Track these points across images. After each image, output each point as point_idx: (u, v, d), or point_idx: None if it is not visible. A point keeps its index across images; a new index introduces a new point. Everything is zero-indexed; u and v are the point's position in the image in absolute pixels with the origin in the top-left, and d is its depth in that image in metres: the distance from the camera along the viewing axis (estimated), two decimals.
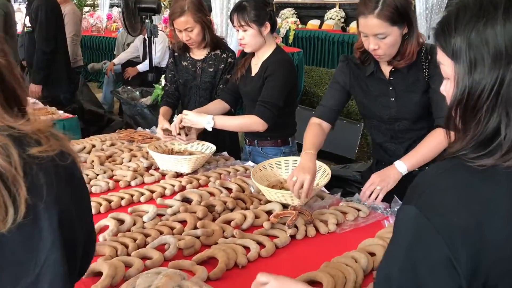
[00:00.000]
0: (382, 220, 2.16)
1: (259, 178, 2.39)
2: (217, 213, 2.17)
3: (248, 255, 1.80)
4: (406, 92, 2.27)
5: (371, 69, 2.32)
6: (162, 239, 1.85)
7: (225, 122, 2.70)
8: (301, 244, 1.96)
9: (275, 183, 2.44)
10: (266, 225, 1.99)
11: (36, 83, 4.96)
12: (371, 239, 1.90)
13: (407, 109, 2.28)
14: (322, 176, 2.36)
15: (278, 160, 2.51)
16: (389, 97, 2.31)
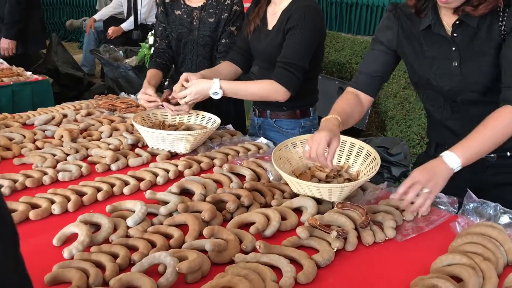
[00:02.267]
0: (451, 222, 1.60)
1: (280, 163, 1.80)
2: (228, 213, 1.59)
3: (280, 283, 1.24)
4: (475, 55, 1.66)
5: (427, 22, 1.70)
6: (155, 257, 1.27)
7: (237, 90, 2.08)
8: (351, 259, 1.40)
9: (303, 170, 1.86)
10: (303, 233, 1.42)
11: (9, 37, 4.30)
12: (450, 256, 1.34)
13: (474, 78, 1.67)
14: (369, 164, 1.78)
15: (304, 138, 1.91)
16: (451, 61, 1.69)
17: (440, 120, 1.84)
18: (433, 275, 1.26)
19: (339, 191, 1.60)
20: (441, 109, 1.81)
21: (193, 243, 1.39)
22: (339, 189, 1.60)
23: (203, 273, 1.28)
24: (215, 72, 2.23)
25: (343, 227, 1.49)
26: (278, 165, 1.72)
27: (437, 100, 1.80)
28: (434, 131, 1.91)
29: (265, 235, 1.49)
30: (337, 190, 1.60)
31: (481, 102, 1.70)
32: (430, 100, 1.84)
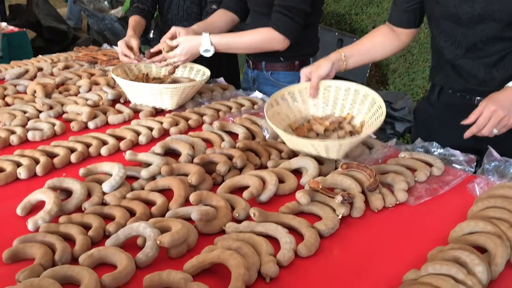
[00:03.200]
0: (469, 183, 1.43)
1: (276, 117, 1.60)
2: (219, 176, 1.41)
3: (278, 256, 1.07)
4: None
5: None
6: (133, 228, 1.10)
7: (229, 43, 1.87)
8: (358, 227, 1.23)
9: (300, 124, 1.66)
10: (303, 198, 1.24)
11: None
12: (471, 223, 1.17)
13: (498, 4, 1.46)
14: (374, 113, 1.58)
15: (301, 87, 1.70)
16: None
17: (450, 60, 1.64)
18: (454, 245, 1.09)
19: (336, 147, 1.41)
20: (455, 46, 1.61)
21: (178, 211, 1.21)
22: (336, 146, 1.40)
23: (189, 246, 1.11)
24: (208, 25, 2.00)
25: (349, 190, 1.32)
26: (271, 118, 1.52)
27: (452, 34, 1.59)
28: (441, 73, 1.70)
29: (260, 201, 1.31)
30: (334, 146, 1.41)
31: (500, 39, 1.50)
32: (445, 35, 1.62)
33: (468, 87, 1.62)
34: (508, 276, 1.06)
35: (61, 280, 0.96)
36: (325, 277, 1.06)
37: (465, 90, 1.62)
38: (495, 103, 1.37)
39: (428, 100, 1.82)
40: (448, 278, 0.97)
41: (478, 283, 0.96)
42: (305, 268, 1.08)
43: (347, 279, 1.05)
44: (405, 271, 1.04)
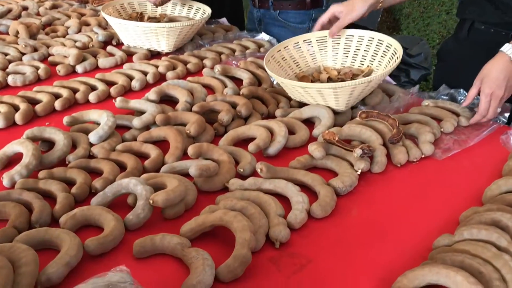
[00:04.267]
0: (503, 135, 1.27)
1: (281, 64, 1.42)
2: (221, 126, 1.25)
3: (289, 217, 0.93)
4: None
5: None
6: (122, 185, 0.95)
7: None
8: (378, 184, 1.09)
9: (309, 74, 1.48)
10: (317, 152, 1.09)
11: None
12: (510, 179, 1.02)
13: None
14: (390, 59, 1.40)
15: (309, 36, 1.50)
16: None
17: None
18: (492, 206, 0.95)
19: (348, 93, 1.22)
20: None
21: (175, 166, 1.07)
22: (348, 90, 1.21)
23: (187, 206, 0.97)
24: None
25: (369, 142, 1.16)
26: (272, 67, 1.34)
27: None
28: (473, 5, 1.50)
29: (268, 155, 1.16)
30: (329, 92, 1.22)
31: None
32: None
33: (505, 19, 1.42)
34: None
35: (38, 245, 0.83)
36: (342, 241, 0.92)
37: (501, 24, 1.43)
38: (489, 84, 1.23)
39: (455, 38, 1.62)
40: (488, 245, 0.83)
41: None
42: (320, 231, 0.94)
43: (367, 243, 0.92)
44: (434, 235, 0.91)
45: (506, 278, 0.78)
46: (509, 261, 0.79)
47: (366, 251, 0.90)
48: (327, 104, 1.29)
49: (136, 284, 0.71)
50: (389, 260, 0.88)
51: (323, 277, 0.84)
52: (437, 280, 0.78)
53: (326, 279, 0.83)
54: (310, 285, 0.82)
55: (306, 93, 1.28)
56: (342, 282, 0.83)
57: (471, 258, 0.81)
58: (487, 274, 0.78)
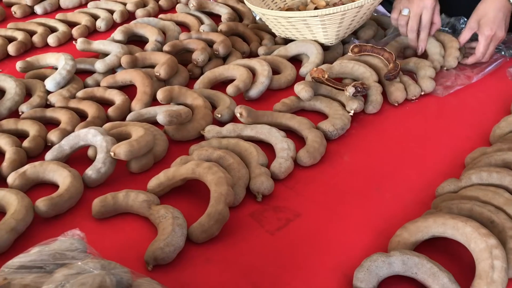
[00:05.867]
0: (510, 68, 1.14)
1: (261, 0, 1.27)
2: (196, 67, 1.11)
3: (272, 166, 0.82)
4: None
5: None
6: (80, 137, 0.83)
7: None
8: (374, 126, 0.97)
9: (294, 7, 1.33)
10: (304, 92, 0.96)
11: None
12: None
13: None
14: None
15: None
16: None
17: None
18: (502, 146, 0.83)
19: (337, 22, 1.08)
20: None
21: (143, 113, 0.94)
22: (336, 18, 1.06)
23: (157, 158, 0.85)
24: None
25: (362, 80, 1.03)
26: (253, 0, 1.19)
27: None
28: None
29: (249, 97, 1.03)
30: (333, 20, 1.07)
31: None
32: None
33: None
34: None
35: None
36: (333, 191, 0.81)
37: None
38: (490, 25, 1.09)
39: None
40: (500, 190, 0.72)
41: None
42: (308, 181, 0.83)
43: (362, 193, 0.81)
44: (437, 181, 0.80)
45: None
46: None
47: (361, 201, 0.79)
48: (315, 38, 1.15)
49: (90, 250, 0.60)
50: (387, 210, 0.77)
51: (312, 232, 0.73)
52: (443, 232, 0.68)
53: (316, 235, 0.73)
54: (298, 242, 0.71)
55: (291, 26, 1.13)
56: (335, 238, 0.72)
57: (481, 205, 0.70)
58: (500, 223, 0.67)
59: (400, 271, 0.64)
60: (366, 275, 0.63)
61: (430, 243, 0.70)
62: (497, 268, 0.61)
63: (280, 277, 0.66)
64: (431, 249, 0.69)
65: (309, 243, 0.71)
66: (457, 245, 0.67)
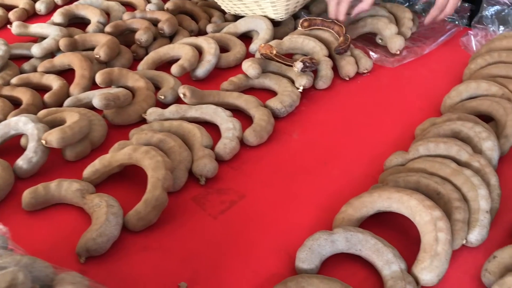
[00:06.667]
0: (463, 37, 1.13)
1: None
2: (140, 47, 1.06)
3: (217, 148, 0.78)
4: None
5: None
6: (10, 124, 0.78)
7: None
8: (324, 101, 0.94)
9: None
10: (251, 68, 0.92)
11: None
12: (472, 85, 0.89)
13: None
14: None
15: None
16: None
17: None
18: (451, 115, 0.82)
19: None
20: None
21: (81, 98, 0.89)
22: None
23: (94, 145, 0.81)
24: None
25: (312, 54, 1.00)
26: None
27: None
28: None
29: (196, 77, 0.99)
30: None
31: None
32: None
33: None
34: None
35: None
36: (281, 170, 0.78)
37: None
38: None
39: None
40: (447, 161, 0.71)
41: (488, 163, 0.70)
42: (255, 161, 0.80)
43: (311, 170, 0.78)
44: (387, 154, 0.78)
45: (467, 196, 0.66)
46: (471, 177, 0.67)
47: (309, 179, 0.77)
48: (264, 14, 1.11)
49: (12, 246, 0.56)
50: (335, 187, 0.75)
51: (257, 213, 0.70)
52: (389, 206, 0.66)
53: (261, 216, 0.70)
54: (241, 224, 0.69)
55: (239, 2, 1.09)
56: (280, 218, 0.70)
57: (428, 177, 0.68)
58: (446, 195, 0.66)
59: (344, 249, 0.62)
60: (308, 255, 0.60)
61: (377, 219, 0.68)
62: (441, 241, 0.59)
63: (221, 262, 0.63)
64: (378, 225, 0.67)
65: (254, 225, 0.69)
66: (404, 219, 0.65)
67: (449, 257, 0.59)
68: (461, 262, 0.63)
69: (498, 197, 0.69)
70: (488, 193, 0.66)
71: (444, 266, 0.58)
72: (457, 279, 0.62)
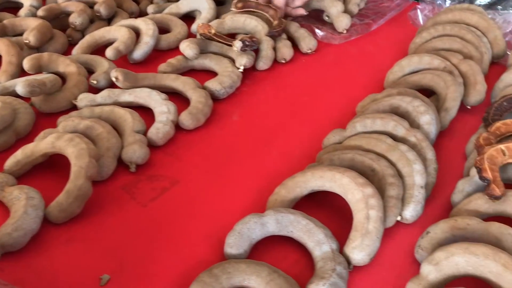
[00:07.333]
0: (411, 11, 1.11)
1: None
2: (76, 31, 1.01)
3: (149, 133, 0.75)
4: None
5: None
6: None
7: None
8: (265, 82, 0.92)
9: None
10: (188, 49, 0.89)
11: None
12: (414, 58, 0.87)
13: None
14: None
15: None
16: None
17: None
18: (391, 91, 0.80)
19: None
20: None
21: (7, 86, 0.84)
22: None
23: (20, 135, 0.76)
24: None
25: (254, 34, 0.97)
26: None
27: None
28: None
29: (134, 60, 0.95)
30: None
31: None
32: None
33: None
34: (461, 122, 0.80)
35: None
36: (218, 154, 0.76)
37: None
38: None
39: None
40: (383, 137, 0.69)
41: (424, 138, 0.69)
42: (191, 145, 0.77)
43: (250, 153, 0.76)
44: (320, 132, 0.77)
45: (402, 172, 0.65)
46: (406, 152, 0.66)
47: (247, 161, 0.74)
48: None
49: None
50: (273, 168, 0.73)
51: (190, 199, 0.68)
52: (322, 185, 0.64)
53: (194, 202, 0.67)
54: (173, 211, 0.66)
55: None
56: (215, 203, 0.67)
57: (363, 154, 0.67)
58: (380, 171, 0.64)
59: (275, 231, 0.60)
60: (237, 240, 0.58)
61: (313, 199, 0.66)
62: (372, 218, 0.58)
63: (148, 251, 0.60)
64: (314, 205, 0.65)
65: (185, 212, 0.66)
66: (341, 198, 0.63)
67: (381, 235, 0.58)
68: (397, 240, 0.62)
69: (434, 172, 0.67)
70: (424, 168, 0.65)
71: (376, 244, 0.57)
72: (391, 257, 0.60)
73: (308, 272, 0.57)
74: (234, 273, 0.54)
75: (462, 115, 0.80)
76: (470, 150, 0.73)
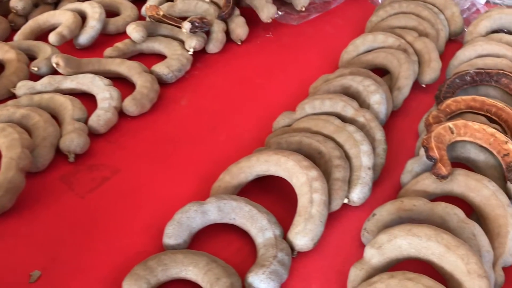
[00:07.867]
0: None
1: None
2: (18, 16, 0.96)
3: (90, 121, 0.71)
4: None
5: None
6: None
7: None
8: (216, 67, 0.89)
9: None
10: (135, 32, 0.85)
11: None
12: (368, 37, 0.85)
13: None
14: None
15: None
16: None
17: None
18: (344, 70, 0.77)
19: None
20: None
21: None
22: None
23: None
24: None
25: (206, 16, 0.93)
26: None
27: None
28: None
29: (80, 45, 0.91)
30: None
31: None
32: None
33: None
34: (415, 101, 0.78)
35: None
36: (163, 141, 0.72)
37: None
38: None
39: None
40: (331, 118, 0.67)
41: (373, 118, 0.67)
42: (135, 132, 0.74)
43: (196, 137, 0.73)
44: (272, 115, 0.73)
45: (349, 153, 0.63)
46: (354, 133, 0.64)
47: (194, 147, 0.71)
48: None
49: None
50: (222, 153, 0.70)
51: (131, 188, 0.65)
52: (267, 170, 0.61)
53: (135, 191, 0.64)
54: (112, 201, 0.63)
55: None
56: (157, 191, 0.64)
57: (310, 136, 0.64)
58: (327, 153, 0.62)
59: (217, 219, 0.57)
60: (176, 229, 0.55)
61: (260, 184, 0.63)
62: (315, 202, 0.56)
63: (84, 244, 0.57)
64: (260, 191, 0.63)
65: (126, 202, 0.63)
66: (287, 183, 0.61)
67: (324, 219, 0.56)
68: (344, 223, 0.60)
69: (383, 152, 0.65)
70: (371, 148, 0.63)
71: (319, 228, 0.55)
72: (338, 241, 0.58)
73: (251, 260, 0.55)
74: (171, 265, 0.51)
75: (417, 94, 0.78)
76: (422, 129, 0.71)
